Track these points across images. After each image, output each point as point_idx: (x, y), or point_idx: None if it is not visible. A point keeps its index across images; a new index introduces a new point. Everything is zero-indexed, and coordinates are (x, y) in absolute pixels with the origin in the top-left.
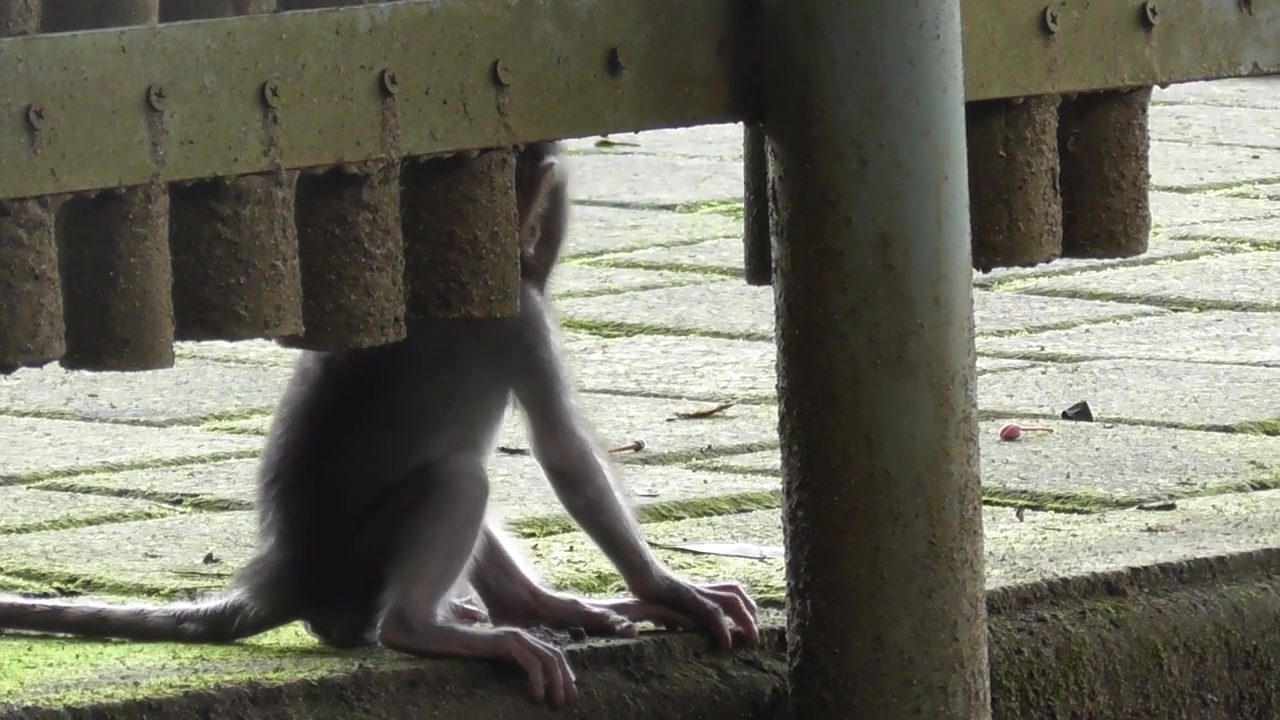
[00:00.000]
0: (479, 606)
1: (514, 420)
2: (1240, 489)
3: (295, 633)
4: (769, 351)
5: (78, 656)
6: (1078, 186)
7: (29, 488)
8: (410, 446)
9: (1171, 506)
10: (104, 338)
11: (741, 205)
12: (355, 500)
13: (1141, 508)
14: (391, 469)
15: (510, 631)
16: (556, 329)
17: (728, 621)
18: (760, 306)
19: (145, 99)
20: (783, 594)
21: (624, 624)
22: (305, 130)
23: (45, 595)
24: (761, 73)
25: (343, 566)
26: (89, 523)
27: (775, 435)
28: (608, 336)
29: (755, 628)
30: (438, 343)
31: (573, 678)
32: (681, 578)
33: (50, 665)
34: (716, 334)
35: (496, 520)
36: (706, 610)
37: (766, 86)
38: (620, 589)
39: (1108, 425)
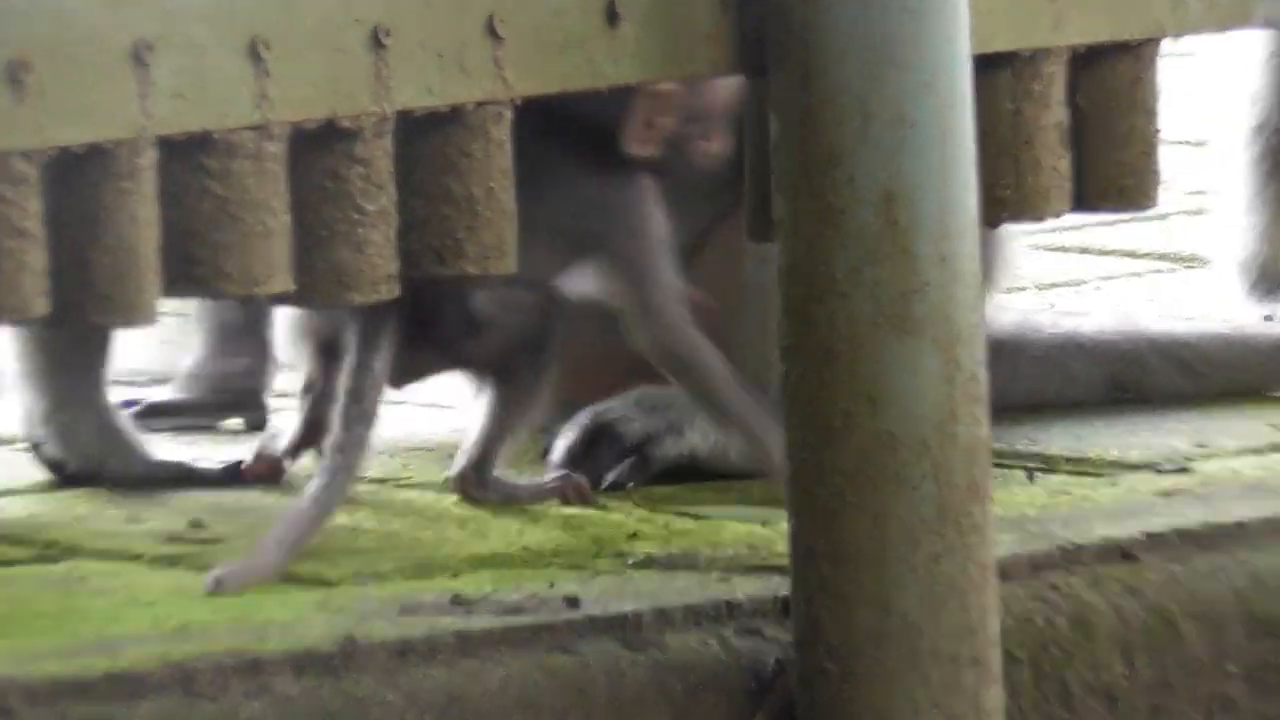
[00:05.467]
0: None
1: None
2: (1258, 451)
3: (282, 601)
4: None
5: (57, 623)
6: (1087, 141)
7: (11, 449)
8: None
9: (1187, 470)
10: (87, 292)
11: (743, 162)
12: None
13: (1156, 471)
14: None
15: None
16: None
17: None
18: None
19: (134, 52)
20: (785, 560)
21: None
22: (297, 84)
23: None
24: (764, 27)
25: None
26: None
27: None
28: None
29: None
30: None
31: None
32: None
33: (29, 633)
34: None
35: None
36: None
37: (768, 40)
38: (616, 554)
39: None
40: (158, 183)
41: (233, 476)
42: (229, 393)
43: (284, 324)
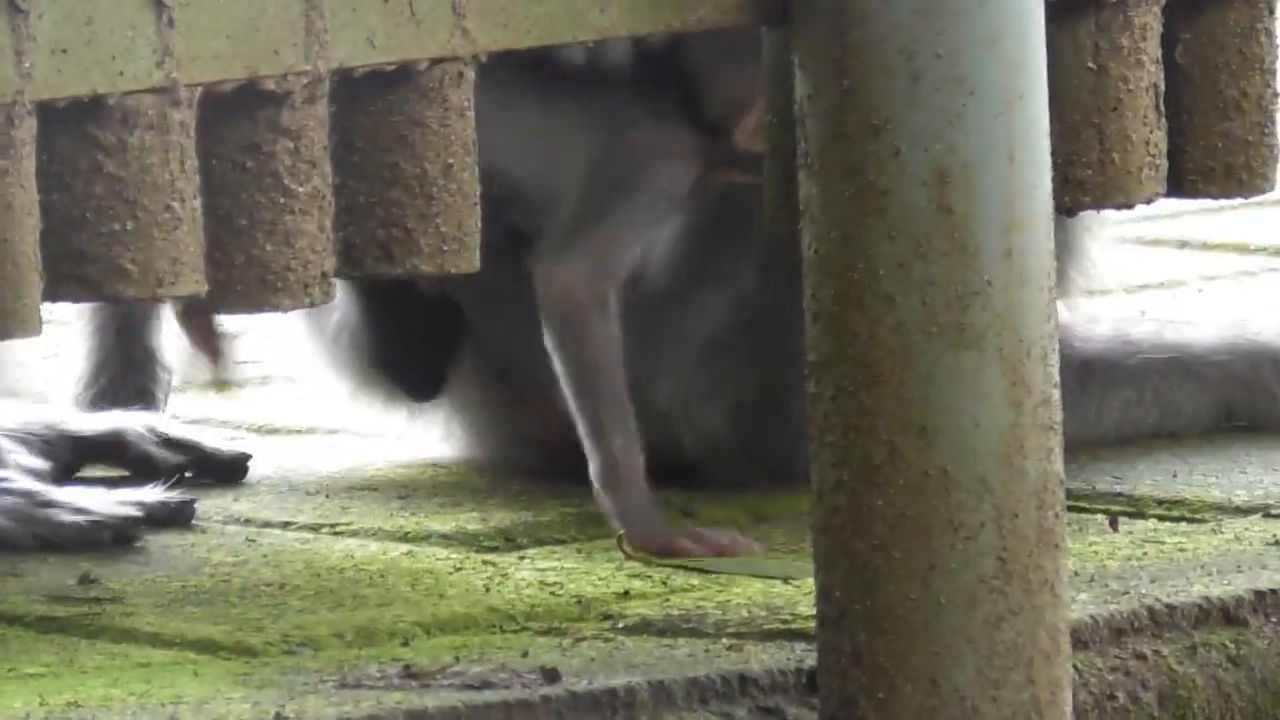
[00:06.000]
0: None
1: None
2: None
3: (195, 673)
4: None
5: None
6: (1188, 108)
7: None
8: None
9: None
10: None
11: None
12: None
13: (1268, 515)
14: None
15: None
16: None
17: None
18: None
19: None
20: (811, 624)
21: None
22: (209, 36)
23: None
24: None
25: None
26: None
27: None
28: None
29: None
30: None
31: None
32: None
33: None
34: None
35: None
36: None
37: None
38: (604, 617)
39: None
40: (37, 160)
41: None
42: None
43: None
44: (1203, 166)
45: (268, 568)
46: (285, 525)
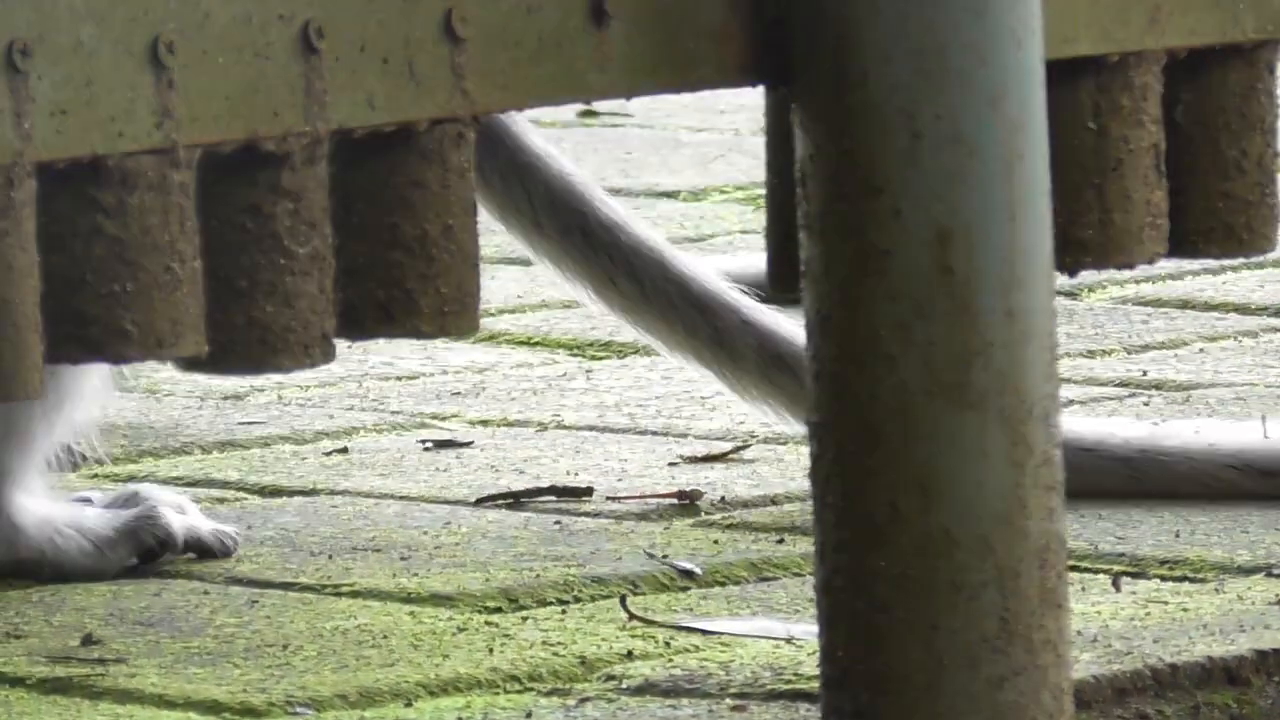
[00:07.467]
0: None
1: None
2: None
3: None
4: None
5: None
6: (1189, 168)
7: None
8: None
9: None
10: None
11: (762, 192)
12: None
13: (1270, 574)
14: None
15: None
16: None
17: None
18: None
19: (6, 58)
20: (815, 684)
21: None
22: (209, 97)
23: None
24: (787, 23)
25: None
26: None
27: (805, 484)
28: (593, 358)
29: None
30: None
31: None
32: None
33: None
34: None
35: None
36: None
37: (793, 41)
38: (607, 677)
39: None
40: (38, 221)
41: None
42: None
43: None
44: (1204, 227)
45: (271, 628)
46: (288, 586)
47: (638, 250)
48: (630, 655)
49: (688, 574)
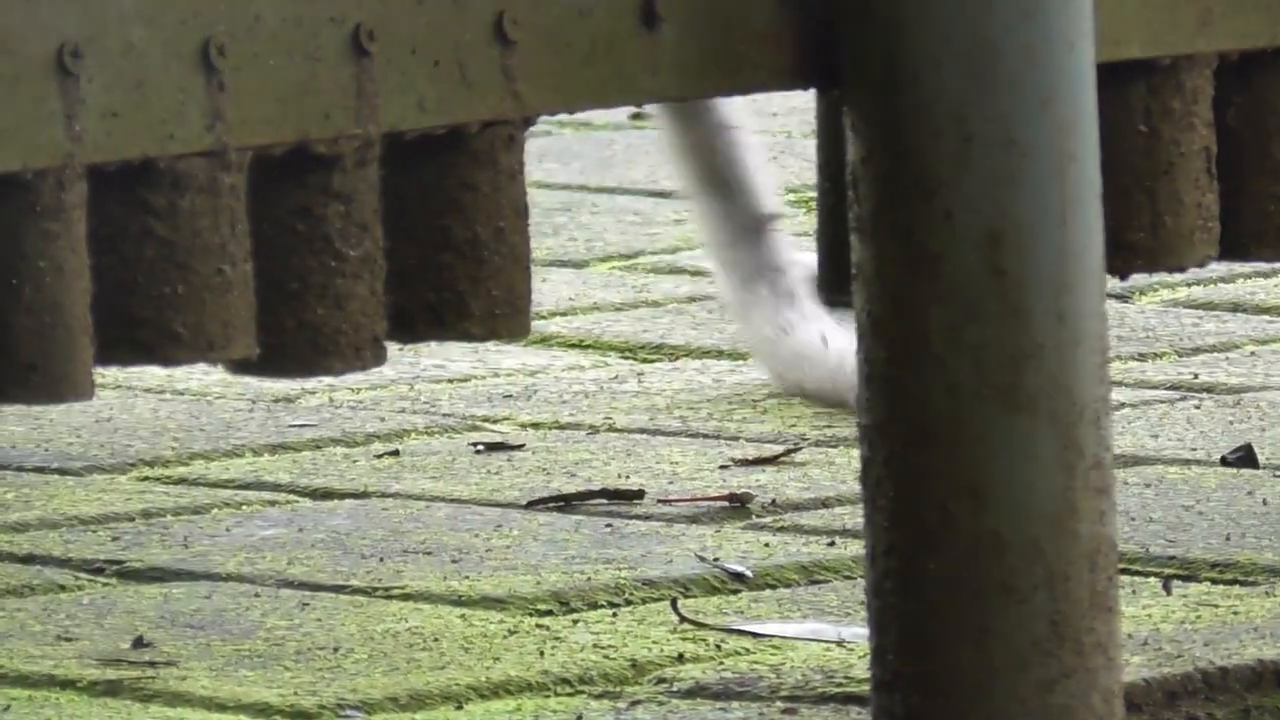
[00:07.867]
0: None
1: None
2: None
3: None
4: None
5: None
6: (1240, 171)
7: None
8: None
9: None
10: (4, 362)
11: (813, 195)
12: None
13: None
14: None
15: None
16: None
17: None
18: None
19: (57, 60)
20: (866, 687)
21: None
22: (259, 99)
23: None
24: (838, 26)
25: None
26: None
27: (856, 486)
28: (644, 361)
29: None
30: None
31: None
32: None
33: None
34: None
35: None
36: None
37: (844, 44)
38: (658, 680)
39: (1278, 473)
40: (89, 224)
41: None
42: None
43: None
44: (1255, 229)
45: (322, 631)
46: (339, 588)
47: None
48: (681, 658)
49: (738, 577)
